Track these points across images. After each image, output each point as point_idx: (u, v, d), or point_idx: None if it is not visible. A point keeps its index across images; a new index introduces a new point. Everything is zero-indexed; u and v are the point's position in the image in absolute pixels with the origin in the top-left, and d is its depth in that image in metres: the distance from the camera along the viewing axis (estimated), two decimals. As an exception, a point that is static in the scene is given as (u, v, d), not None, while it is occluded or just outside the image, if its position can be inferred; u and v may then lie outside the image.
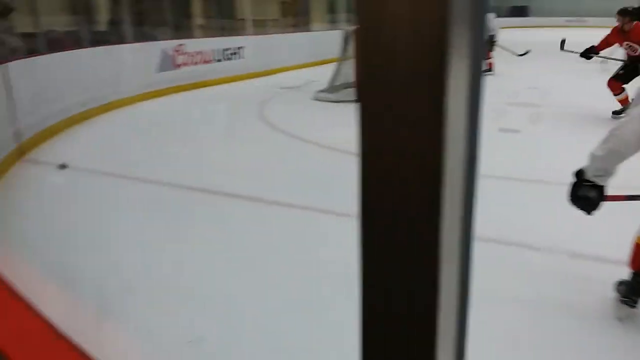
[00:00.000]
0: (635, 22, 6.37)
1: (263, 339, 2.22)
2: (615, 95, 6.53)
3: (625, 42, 6.49)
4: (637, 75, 6.46)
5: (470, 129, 0.54)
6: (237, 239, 3.21)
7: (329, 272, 2.66)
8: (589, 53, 7.06)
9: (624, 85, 6.49)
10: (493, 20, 11.15)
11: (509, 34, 25.39)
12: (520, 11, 33.99)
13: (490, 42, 10.74)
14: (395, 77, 0.50)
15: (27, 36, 6.36)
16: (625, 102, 6.38)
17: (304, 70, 11.44)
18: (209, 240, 3.20)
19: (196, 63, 8.94)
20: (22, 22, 6.79)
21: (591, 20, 28.78)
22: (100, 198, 3.94)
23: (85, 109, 6.33)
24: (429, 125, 0.50)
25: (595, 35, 7.71)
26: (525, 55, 11.88)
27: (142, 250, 3.06)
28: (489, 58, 10.85)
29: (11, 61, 4.95)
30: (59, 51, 6.25)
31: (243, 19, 11.21)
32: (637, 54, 6.44)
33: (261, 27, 11.47)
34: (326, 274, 2.67)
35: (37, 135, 5.23)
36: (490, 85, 9.21)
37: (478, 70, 0.55)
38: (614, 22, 6.66)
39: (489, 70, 10.83)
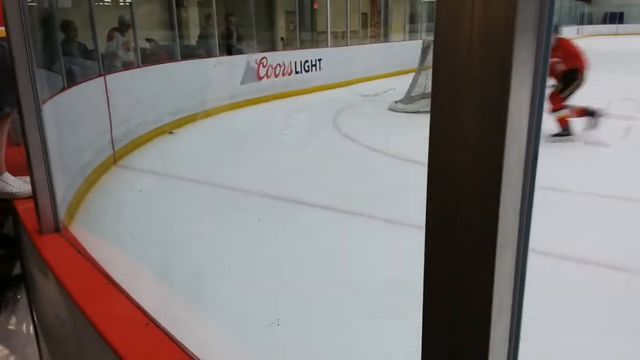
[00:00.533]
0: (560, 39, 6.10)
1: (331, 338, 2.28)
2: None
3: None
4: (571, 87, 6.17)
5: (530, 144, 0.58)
6: (307, 243, 3.32)
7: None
8: None
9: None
10: None
11: (600, 43, 24.13)
12: (614, 18, 32.16)
13: None
14: (464, 89, 0.55)
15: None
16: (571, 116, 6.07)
17: (380, 80, 11.48)
18: (279, 243, 3.33)
19: (277, 75, 9.24)
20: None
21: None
22: (184, 202, 4.18)
23: (174, 119, 6.72)
24: (492, 138, 0.54)
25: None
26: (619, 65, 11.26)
27: (220, 249, 3.23)
28: None
29: (110, 74, 5.38)
30: (152, 64, 6.71)
31: (324, 32, 11.45)
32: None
33: (341, 38, 11.64)
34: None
35: (130, 144, 5.63)
36: (579, 95, 8.81)
37: (542, 81, 0.58)
38: None
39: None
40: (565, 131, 6.04)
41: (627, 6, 31.67)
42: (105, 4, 7.97)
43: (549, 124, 5.97)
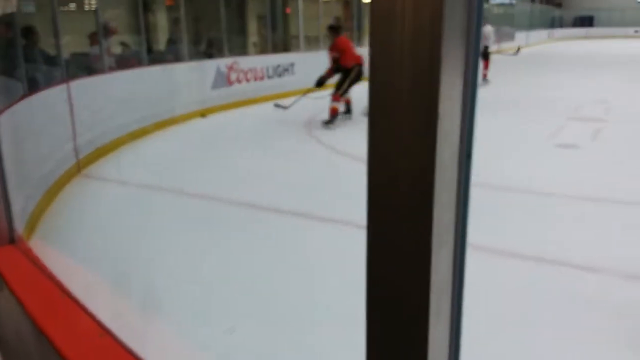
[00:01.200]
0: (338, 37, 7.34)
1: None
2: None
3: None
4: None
5: (463, 147, 0.57)
6: (279, 251, 3.28)
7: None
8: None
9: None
10: (490, 30, 11.05)
11: (571, 46, 24.67)
12: (584, 21, 32.93)
13: (485, 53, 10.68)
14: (398, 94, 0.54)
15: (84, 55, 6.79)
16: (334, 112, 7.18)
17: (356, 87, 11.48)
18: (251, 251, 3.28)
19: (249, 80, 9.19)
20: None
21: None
22: (150, 211, 4.08)
23: (140, 126, 6.60)
24: (424, 132, 0.54)
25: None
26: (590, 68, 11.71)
27: (188, 259, 3.18)
28: (485, 68, 11.01)
29: (72, 80, 5.27)
30: (118, 70, 6.60)
31: (296, 36, 11.43)
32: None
33: (315, 43, 11.64)
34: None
35: (95, 152, 5.50)
36: (549, 98, 9.00)
37: (473, 81, 0.58)
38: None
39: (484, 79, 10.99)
40: (333, 119, 7.14)
41: (597, 10, 32.49)
42: (70, 9, 7.82)
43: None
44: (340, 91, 7.32)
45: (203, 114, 7.78)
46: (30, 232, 3.49)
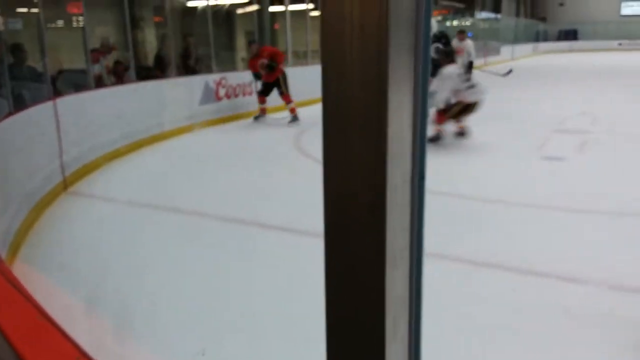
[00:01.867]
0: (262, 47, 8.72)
1: None
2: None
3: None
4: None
5: (415, 151, 0.58)
6: (263, 269, 3.27)
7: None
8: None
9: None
10: (470, 44, 11.05)
11: (555, 59, 24.98)
12: (568, 35, 33.39)
13: (469, 67, 10.78)
14: (350, 107, 0.55)
15: (80, 72, 6.78)
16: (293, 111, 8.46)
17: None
18: (236, 269, 3.27)
19: (237, 95, 9.21)
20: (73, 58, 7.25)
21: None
22: (138, 229, 4.05)
23: (128, 142, 6.59)
24: (375, 137, 0.54)
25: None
26: (575, 81, 11.75)
27: (173, 276, 3.15)
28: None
29: (59, 97, 5.26)
30: (105, 86, 6.60)
31: (284, 51, 11.49)
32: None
33: (302, 57, 11.70)
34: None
35: (82, 168, 5.48)
36: (535, 111, 9.08)
37: (423, 102, 0.58)
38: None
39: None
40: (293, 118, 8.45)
41: (581, 24, 32.96)
42: (57, 26, 7.82)
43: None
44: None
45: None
46: (14, 252, 3.46)
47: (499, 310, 2.70)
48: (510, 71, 12.04)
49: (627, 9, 33.14)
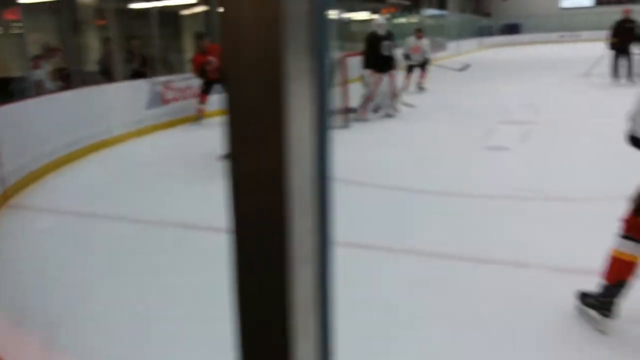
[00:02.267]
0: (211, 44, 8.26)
1: None
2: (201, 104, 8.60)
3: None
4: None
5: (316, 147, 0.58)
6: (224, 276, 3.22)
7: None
8: None
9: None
10: (425, 43, 11.39)
11: (499, 53, 25.72)
12: (512, 29, 34.40)
13: (424, 63, 11.17)
14: (247, 104, 0.54)
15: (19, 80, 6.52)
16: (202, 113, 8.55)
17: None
18: (193, 277, 3.21)
19: (186, 98, 9.04)
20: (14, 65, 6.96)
21: (585, 34, 29.15)
22: (86, 241, 3.92)
23: (72, 150, 6.37)
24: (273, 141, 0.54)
25: (588, 49, 7.66)
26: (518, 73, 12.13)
27: (123, 291, 3.07)
28: (422, 77, 11.50)
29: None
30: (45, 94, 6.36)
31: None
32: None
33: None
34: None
35: (23, 179, 5.26)
36: (480, 104, 9.32)
37: (323, 101, 0.58)
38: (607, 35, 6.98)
39: None
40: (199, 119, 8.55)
41: (524, 17, 33.98)
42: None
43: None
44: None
45: (137, 134, 7.86)
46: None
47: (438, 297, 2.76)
48: (467, 66, 12.38)
49: (566, 2, 34.42)
